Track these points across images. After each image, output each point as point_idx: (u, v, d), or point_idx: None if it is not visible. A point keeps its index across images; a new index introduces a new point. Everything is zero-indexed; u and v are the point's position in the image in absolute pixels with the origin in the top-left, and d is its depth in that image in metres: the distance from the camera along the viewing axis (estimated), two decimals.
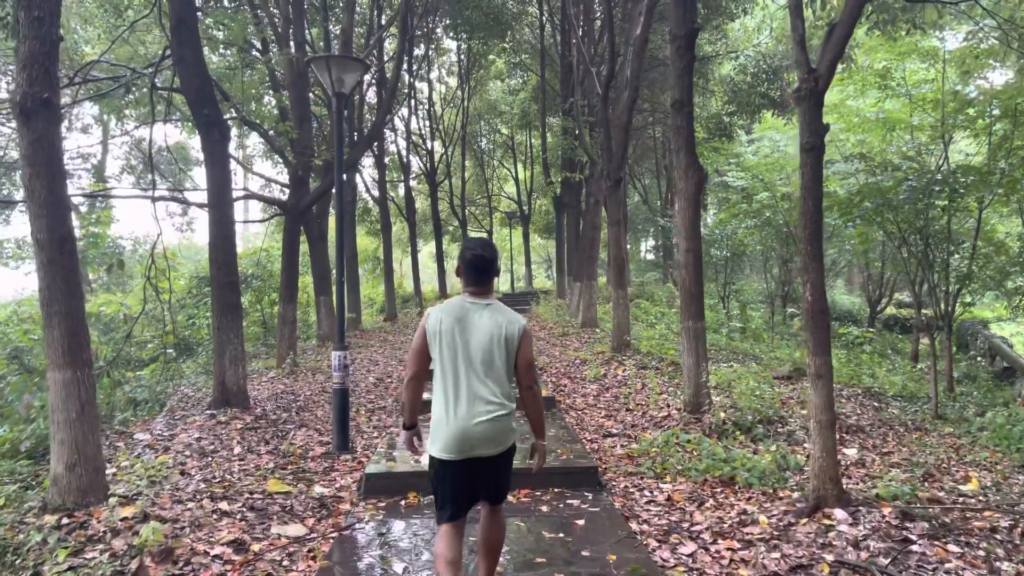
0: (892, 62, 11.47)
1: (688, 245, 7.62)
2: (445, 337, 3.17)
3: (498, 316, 3.22)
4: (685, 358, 7.65)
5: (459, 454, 3.15)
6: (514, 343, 3.20)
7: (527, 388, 3.29)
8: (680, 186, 7.68)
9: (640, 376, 9.95)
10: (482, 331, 3.18)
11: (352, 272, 17.15)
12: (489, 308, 3.23)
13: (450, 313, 3.21)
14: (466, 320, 3.20)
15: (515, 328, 3.21)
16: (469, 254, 3.26)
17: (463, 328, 3.18)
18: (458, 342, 3.16)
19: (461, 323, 3.19)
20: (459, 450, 3.14)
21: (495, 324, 3.19)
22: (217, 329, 7.83)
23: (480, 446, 3.15)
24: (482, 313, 3.21)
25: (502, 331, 3.18)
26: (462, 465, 3.18)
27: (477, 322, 3.19)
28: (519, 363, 3.23)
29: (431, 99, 27.38)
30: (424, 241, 36.42)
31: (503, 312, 3.25)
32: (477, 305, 3.23)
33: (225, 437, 6.82)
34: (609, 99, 11.43)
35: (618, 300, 11.14)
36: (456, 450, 3.14)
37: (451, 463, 3.17)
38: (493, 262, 3.31)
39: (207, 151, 7.89)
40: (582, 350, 12.37)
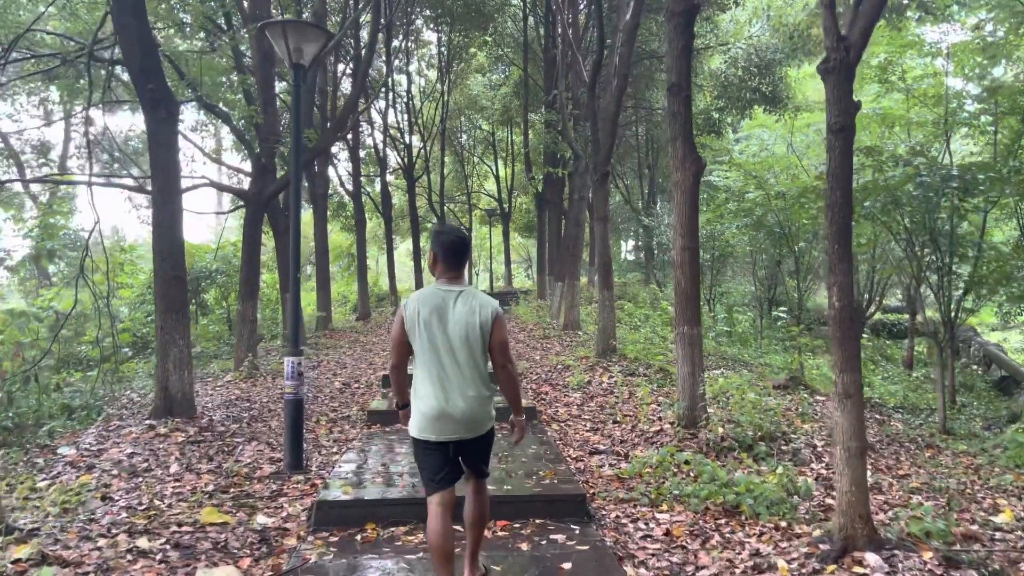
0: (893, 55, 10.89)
1: (684, 243, 6.93)
2: (423, 326, 3.29)
3: (472, 302, 3.33)
4: (680, 367, 6.96)
5: (438, 436, 3.30)
6: (488, 326, 3.31)
7: (502, 367, 3.41)
8: (676, 177, 6.98)
9: (627, 384, 9.26)
10: (458, 318, 3.29)
11: (323, 269, 16.31)
12: (463, 295, 3.34)
13: (426, 303, 3.32)
14: (443, 308, 3.31)
15: (488, 312, 3.32)
16: (449, 238, 3.38)
17: (440, 316, 3.29)
18: (436, 330, 3.29)
19: (438, 312, 3.30)
20: (438, 432, 3.29)
21: (470, 310, 3.30)
22: (160, 329, 7.01)
23: (459, 430, 3.29)
24: (457, 300, 3.33)
25: (476, 317, 3.30)
26: (441, 446, 3.32)
27: (453, 309, 3.30)
28: (492, 344, 3.35)
29: (410, 92, 26.54)
30: (401, 238, 35.55)
31: (476, 297, 3.37)
32: (452, 292, 3.35)
33: (162, 453, 6.00)
34: (597, 88, 10.72)
35: (604, 302, 10.45)
36: (436, 432, 3.30)
37: (431, 443, 3.32)
38: (469, 245, 3.50)
39: (152, 131, 7.07)
40: (564, 354, 11.66)
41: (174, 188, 7.14)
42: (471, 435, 3.34)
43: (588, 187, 14.09)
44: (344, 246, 29.15)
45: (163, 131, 7.04)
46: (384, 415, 7.63)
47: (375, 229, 33.62)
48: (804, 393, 9.29)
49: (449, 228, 3.51)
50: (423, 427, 3.31)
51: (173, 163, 7.12)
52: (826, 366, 12.93)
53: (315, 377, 10.24)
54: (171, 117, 7.07)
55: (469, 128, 33.08)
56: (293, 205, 5.89)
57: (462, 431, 3.31)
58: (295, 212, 5.93)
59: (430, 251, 3.46)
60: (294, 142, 5.92)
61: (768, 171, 13.28)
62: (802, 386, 9.66)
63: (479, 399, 3.32)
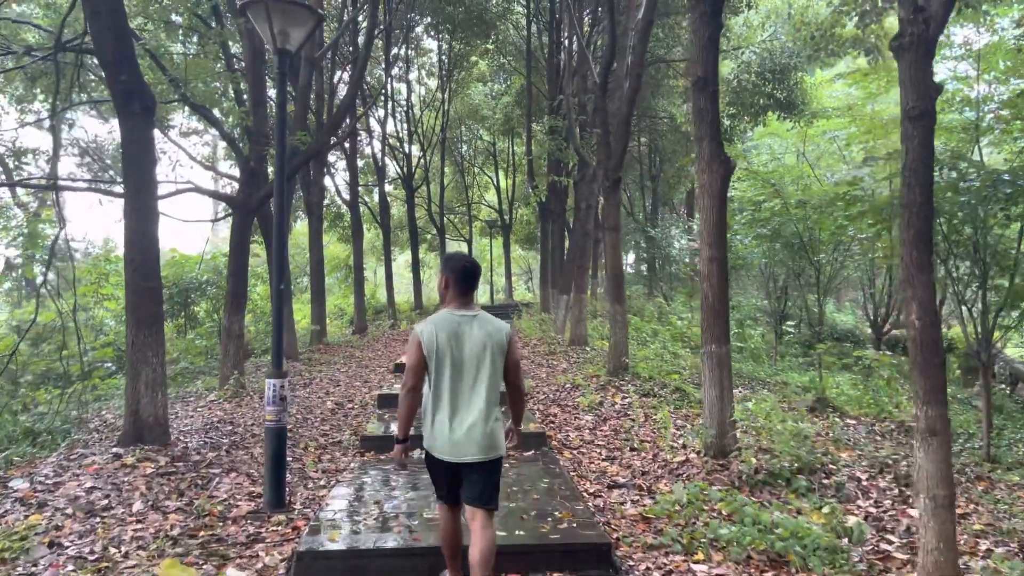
0: None
1: (712, 252, 6.28)
2: (442, 350, 3.39)
3: (488, 326, 3.46)
4: (707, 390, 6.28)
5: (452, 457, 3.41)
6: (504, 349, 3.47)
7: (515, 387, 3.62)
8: (703, 181, 6.34)
9: (643, 405, 8.57)
10: (475, 343, 3.42)
11: (318, 280, 15.63)
12: (477, 319, 3.47)
13: (443, 328, 3.42)
14: (459, 333, 3.42)
15: (503, 335, 3.49)
16: (461, 264, 3.53)
17: (458, 342, 3.41)
18: (454, 355, 3.40)
19: (455, 337, 3.41)
20: (452, 454, 3.40)
21: (486, 334, 3.43)
22: (131, 346, 6.33)
23: (471, 452, 3.39)
24: (472, 325, 3.45)
25: (492, 340, 3.43)
26: (452, 466, 3.44)
27: (469, 334, 3.43)
28: (509, 365, 3.51)
29: (409, 100, 25.97)
30: (400, 249, 34.91)
31: (491, 322, 3.50)
32: (466, 318, 3.46)
33: (126, 487, 5.31)
34: (608, 89, 10.10)
35: (615, 317, 9.77)
36: (449, 454, 3.41)
37: (445, 463, 3.44)
38: (480, 272, 3.65)
39: (125, 127, 6.41)
40: (572, 372, 10.97)
41: (149, 191, 6.48)
42: (484, 457, 3.42)
43: (596, 195, 13.47)
44: (341, 257, 28.47)
45: (137, 128, 6.39)
46: (379, 441, 6.94)
47: (373, 240, 32.99)
48: (834, 416, 8.61)
49: (461, 255, 3.67)
50: (440, 448, 3.43)
51: (148, 163, 6.47)
52: (848, 384, 12.26)
53: (305, 396, 9.55)
54: (146, 112, 6.42)
55: (470, 138, 32.52)
56: (277, 208, 5.23)
57: (475, 452, 3.40)
58: (279, 216, 5.27)
59: (441, 276, 3.57)
60: (279, 136, 5.26)
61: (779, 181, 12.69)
62: (830, 408, 8.98)
63: (492, 422, 3.45)
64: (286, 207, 5.11)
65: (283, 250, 5.25)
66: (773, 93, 13.97)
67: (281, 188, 5.27)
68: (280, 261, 5.26)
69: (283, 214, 5.23)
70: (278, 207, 5.21)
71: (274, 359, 5.20)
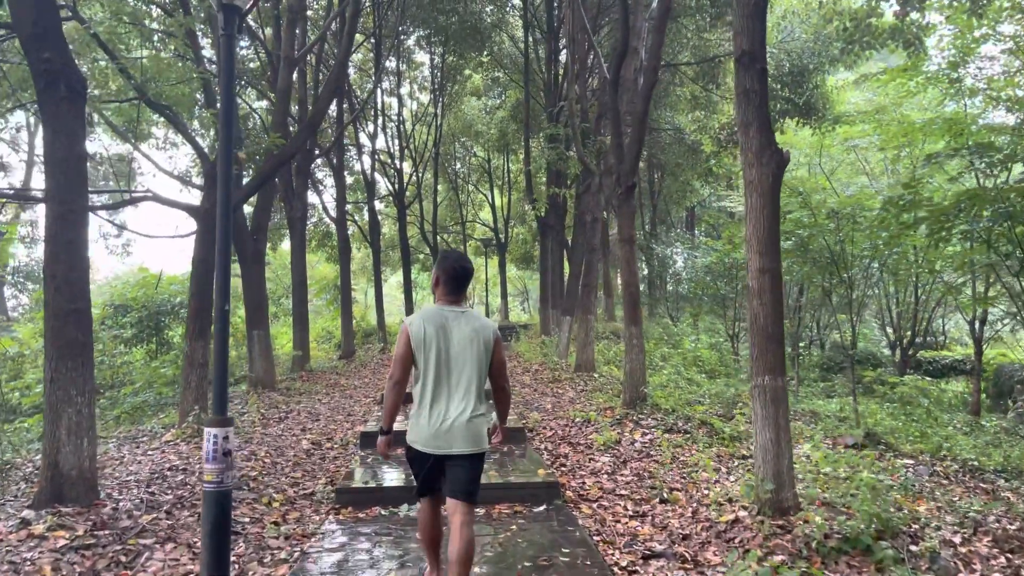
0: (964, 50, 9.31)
1: (763, 263, 5.15)
2: (429, 343, 3.43)
3: (475, 322, 3.54)
4: (760, 432, 5.12)
5: (435, 450, 3.43)
6: (490, 346, 3.55)
7: (500, 388, 3.72)
8: (750, 176, 5.23)
9: (667, 443, 7.41)
10: (462, 337, 3.48)
11: (300, 303, 14.43)
12: (465, 315, 3.54)
13: (431, 321, 3.47)
14: (447, 327, 3.48)
15: (490, 333, 3.56)
16: (452, 265, 3.56)
17: (445, 335, 3.47)
18: (441, 348, 3.45)
19: (443, 330, 3.47)
20: (435, 446, 3.42)
21: (472, 330, 3.50)
22: (50, 382, 5.14)
23: (455, 444, 3.42)
24: (460, 320, 3.51)
25: (479, 336, 3.50)
26: (435, 458, 3.45)
27: (456, 329, 3.49)
28: (494, 363, 3.59)
29: (400, 115, 24.98)
30: (392, 270, 33.77)
31: (478, 319, 3.58)
32: (455, 312, 3.53)
33: (27, 568, 4.10)
34: (620, 84, 9.04)
35: (631, 340, 8.61)
36: (433, 446, 3.43)
37: (429, 456, 3.44)
38: (472, 273, 3.66)
39: (48, 115, 5.28)
40: (581, 402, 9.80)
41: (77, 193, 5.32)
42: (468, 450, 3.43)
43: (601, 207, 12.39)
44: (330, 278, 27.27)
45: (63, 116, 5.26)
46: (360, 495, 5.76)
47: (364, 260, 31.87)
48: (889, 455, 7.45)
49: (456, 255, 3.66)
50: (424, 440, 3.45)
51: (75, 159, 5.32)
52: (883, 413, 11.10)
53: (278, 434, 8.33)
54: (74, 97, 5.29)
55: (464, 155, 31.53)
56: (221, 209, 4.07)
57: (460, 445, 3.42)
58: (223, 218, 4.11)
59: (435, 272, 3.61)
60: (223, 119, 4.13)
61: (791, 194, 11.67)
62: (881, 444, 7.81)
63: (477, 414, 3.46)
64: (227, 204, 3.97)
65: (225, 262, 4.09)
66: (791, 98, 12.98)
67: (227, 183, 4.12)
68: (223, 277, 4.10)
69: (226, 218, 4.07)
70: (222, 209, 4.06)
71: (216, 401, 4.01)
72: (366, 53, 23.95)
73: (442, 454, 3.41)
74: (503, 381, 3.68)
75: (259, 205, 11.57)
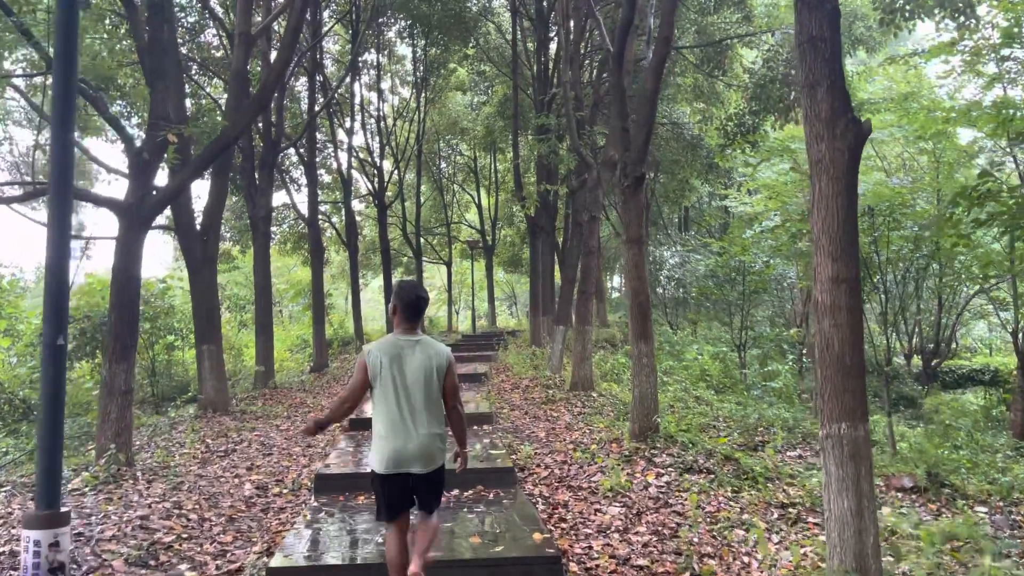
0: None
1: (837, 270, 3.82)
2: (384, 372, 3.69)
3: (428, 350, 3.77)
4: (835, 499, 3.78)
5: (395, 469, 3.67)
6: (442, 372, 3.78)
7: (452, 408, 3.89)
8: (817, 154, 3.90)
9: (688, 486, 6.07)
10: (415, 365, 3.72)
11: (264, 312, 12.99)
12: (420, 344, 3.78)
13: (386, 352, 3.73)
14: (402, 356, 3.73)
15: (443, 359, 3.79)
16: (409, 296, 3.83)
17: (399, 364, 3.71)
18: (396, 376, 3.69)
19: (397, 360, 3.71)
20: (395, 466, 3.67)
21: (426, 357, 3.74)
22: None
23: (414, 463, 3.67)
24: (414, 349, 3.76)
25: (432, 363, 3.74)
26: (397, 479, 3.69)
27: (410, 358, 3.73)
28: (446, 387, 3.82)
29: (381, 110, 23.58)
30: (373, 273, 32.34)
31: (432, 346, 3.81)
32: (410, 342, 3.77)
33: None
34: (625, 62, 7.71)
35: (641, 359, 7.26)
36: (393, 467, 3.67)
37: (389, 476, 3.69)
38: (427, 302, 3.99)
39: None
40: (580, 429, 8.44)
41: None
42: (426, 469, 3.70)
43: (600, 204, 11.05)
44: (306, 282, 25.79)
45: None
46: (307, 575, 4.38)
47: (343, 263, 30.43)
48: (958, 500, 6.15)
49: (411, 285, 3.93)
50: (386, 463, 3.66)
51: None
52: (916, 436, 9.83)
53: (217, 475, 6.92)
54: None
55: (448, 153, 30.16)
56: (56, 186, 2.68)
57: (419, 465, 3.68)
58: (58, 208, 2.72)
59: (392, 302, 3.86)
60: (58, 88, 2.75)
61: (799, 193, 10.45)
62: (943, 486, 6.49)
63: (432, 436, 3.71)
64: (66, 169, 2.59)
65: (61, 267, 2.70)
66: None
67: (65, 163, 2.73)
68: (57, 297, 2.71)
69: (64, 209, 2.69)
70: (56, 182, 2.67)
71: (40, 491, 2.62)
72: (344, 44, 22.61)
73: (405, 472, 3.67)
74: (455, 402, 3.89)
75: (211, 201, 10.15)
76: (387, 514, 3.76)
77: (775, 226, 10.23)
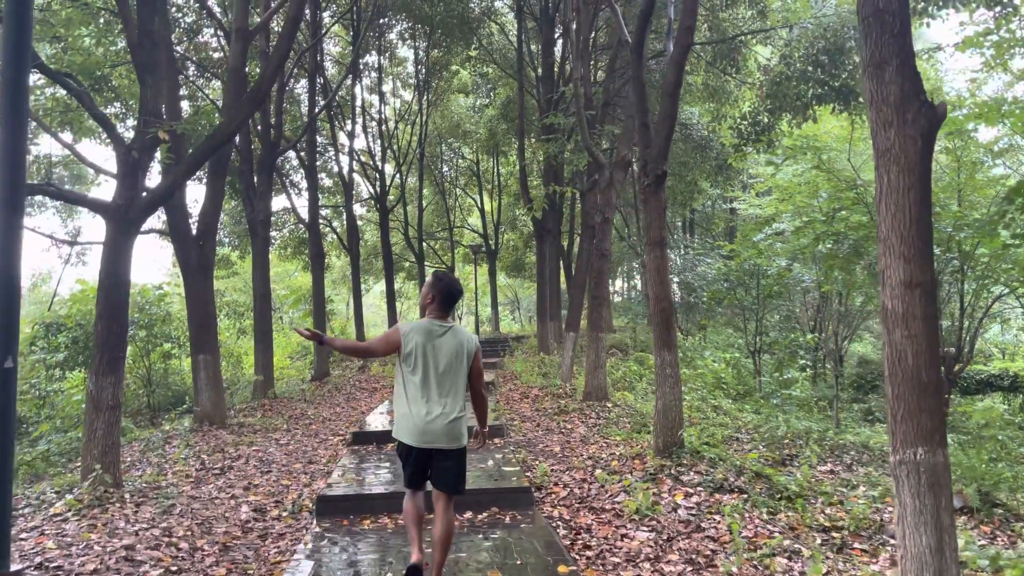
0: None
1: (910, 273, 3.36)
2: (418, 351, 3.92)
3: (460, 335, 4.03)
4: (911, 534, 3.32)
5: (421, 444, 3.88)
6: (471, 356, 4.04)
7: (477, 391, 4.18)
8: (885, 142, 3.45)
9: (719, 508, 5.60)
10: (447, 349, 3.96)
11: (263, 319, 12.54)
12: (452, 330, 4.02)
13: (421, 333, 3.95)
14: (435, 339, 3.95)
15: (472, 345, 4.06)
16: (448, 287, 4.09)
17: (433, 346, 3.93)
18: (428, 356, 3.92)
19: (431, 342, 3.94)
20: (422, 441, 3.87)
21: (457, 342, 3.99)
22: None
23: (439, 440, 3.87)
24: (446, 334, 3.99)
25: (463, 348, 3.99)
26: (422, 452, 3.91)
27: (442, 341, 3.96)
28: (472, 371, 4.06)
29: (383, 113, 23.15)
30: (375, 279, 31.89)
31: (461, 332, 4.06)
32: (443, 327, 4.00)
33: None
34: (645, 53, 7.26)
35: (664, 369, 6.79)
36: (419, 441, 3.87)
37: (415, 449, 3.91)
38: (462, 295, 4.26)
39: None
40: (597, 443, 7.98)
41: None
42: (450, 446, 3.90)
43: (613, 205, 10.60)
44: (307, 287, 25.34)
45: None
46: None
47: (344, 268, 29.99)
48: (1012, 522, 5.68)
49: (452, 278, 4.16)
50: (415, 436, 3.87)
51: None
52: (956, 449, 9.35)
53: (211, 495, 6.45)
54: None
55: (451, 156, 29.74)
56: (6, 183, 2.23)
57: (443, 441, 3.87)
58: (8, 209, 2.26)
59: (427, 290, 4.08)
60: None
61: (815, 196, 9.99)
62: (996, 507, 6.02)
63: (458, 416, 3.92)
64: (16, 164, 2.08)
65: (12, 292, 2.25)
66: (827, 80, 11.29)
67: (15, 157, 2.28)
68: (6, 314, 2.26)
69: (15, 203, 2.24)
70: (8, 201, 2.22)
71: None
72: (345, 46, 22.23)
73: (428, 448, 3.85)
74: (480, 386, 4.14)
75: (207, 204, 9.70)
76: (410, 480, 3.99)
77: (798, 227, 9.75)
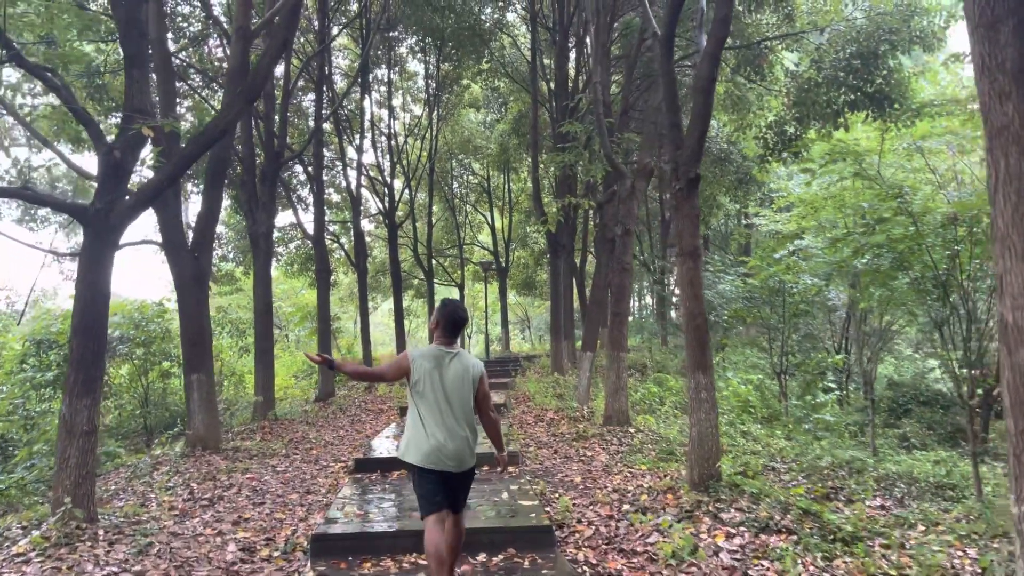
0: None
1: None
2: (426, 376, 4.02)
3: (466, 361, 4.14)
4: None
5: (434, 466, 3.94)
6: (477, 381, 4.14)
7: (486, 415, 4.24)
8: (1002, 118, 2.82)
9: (767, 554, 4.90)
10: (454, 374, 4.06)
11: (264, 337, 11.92)
12: (458, 356, 4.13)
13: (429, 358, 4.06)
14: (442, 364, 4.06)
15: (478, 371, 4.16)
16: (452, 313, 4.18)
17: (440, 371, 4.04)
18: (436, 381, 4.02)
19: (439, 367, 4.05)
20: (434, 463, 3.94)
21: (463, 368, 4.10)
22: None
23: (449, 463, 3.95)
24: (453, 359, 4.10)
25: (468, 373, 4.10)
26: (435, 473, 3.96)
27: (449, 366, 4.06)
28: (479, 395, 4.15)
29: (392, 128, 22.69)
30: (383, 296, 31.32)
31: (468, 358, 4.18)
32: (450, 353, 4.11)
33: None
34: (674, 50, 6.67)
35: (700, 393, 6.11)
36: (432, 463, 3.94)
37: (427, 471, 3.96)
38: (467, 321, 4.37)
39: None
40: (620, 472, 7.29)
41: None
42: (459, 469, 4.00)
43: (635, 218, 9.98)
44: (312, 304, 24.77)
45: None
46: None
47: (352, 285, 29.45)
48: None
49: (456, 305, 4.26)
50: (426, 459, 3.94)
51: None
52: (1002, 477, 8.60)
53: (196, 531, 5.79)
54: None
55: (461, 172, 29.27)
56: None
57: (453, 464, 3.96)
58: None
59: (435, 316, 4.23)
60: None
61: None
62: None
63: (466, 438, 4.02)
64: None
65: None
66: (860, 86, 10.67)
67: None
68: None
69: None
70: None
71: None
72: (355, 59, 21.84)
73: (442, 470, 3.95)
74: (488, 407, 4.22)
75: (204, 214, 9.13)
76: (430, 507, 3.92)
77: (835, 239, 9.09)
